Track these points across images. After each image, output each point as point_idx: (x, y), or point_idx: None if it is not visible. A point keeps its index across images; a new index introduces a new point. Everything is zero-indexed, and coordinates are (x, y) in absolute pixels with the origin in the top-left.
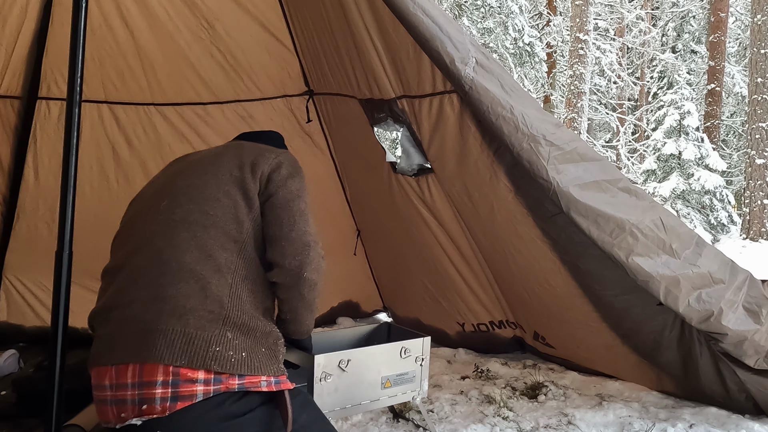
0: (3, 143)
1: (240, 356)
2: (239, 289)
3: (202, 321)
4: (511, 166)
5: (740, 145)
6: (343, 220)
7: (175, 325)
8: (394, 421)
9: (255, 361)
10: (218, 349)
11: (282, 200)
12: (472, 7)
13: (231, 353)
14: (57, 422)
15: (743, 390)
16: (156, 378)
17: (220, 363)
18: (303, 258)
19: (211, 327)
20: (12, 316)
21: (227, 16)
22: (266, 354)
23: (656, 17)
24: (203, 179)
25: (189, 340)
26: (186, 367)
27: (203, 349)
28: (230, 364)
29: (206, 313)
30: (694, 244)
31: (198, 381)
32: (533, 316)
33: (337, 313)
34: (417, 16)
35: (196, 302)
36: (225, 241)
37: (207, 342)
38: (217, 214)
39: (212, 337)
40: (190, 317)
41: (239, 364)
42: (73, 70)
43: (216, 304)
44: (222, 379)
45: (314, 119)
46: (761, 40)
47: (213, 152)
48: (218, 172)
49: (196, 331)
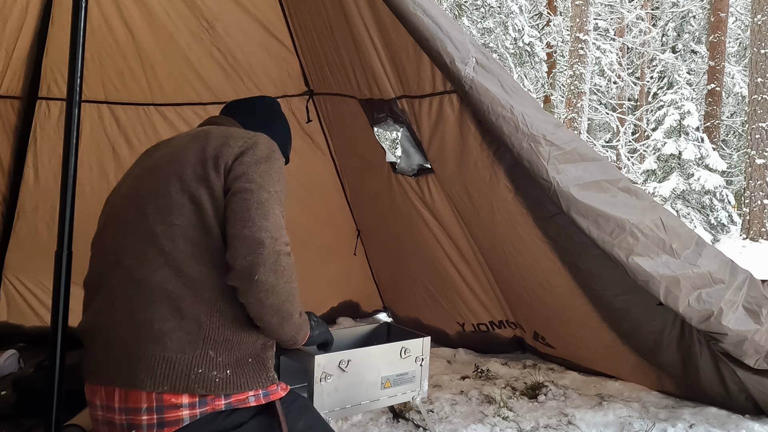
0: (3, 143)
1: (224, 375)
2: (218, 303)
3: (180, 343)
4: (511, 166)
5: (740, 145)
6: (343, 220)
7: (154, 350)
8: (394, 421)
9: (241, 377)
10: (201, 371)
11: (239, 192)
12: (472, 7)
13: (215, 373)
14: (57, 422)
15: (743, 390)
16: (141, 405)
17: (204, 385)
18: (254, 258)
19: (191, 348)
20: (12, 316)
21: (227, 16)
22: (253, 364)
23: (656, 17)
24: (167, 183)
25: (169, 365)
26: (169, 392)
27: (185, 373)
28: (214, 384)
29: (184, 335)
30: (694, 244)
31: (183, 405)
32: (533, 316)
33: (337, 313)
34: (417, 16)
35: (172, 324)
36: (195, 251)
37: (188, 365)
38: (184, 223)
39: (193, 360)
40: (168, 341)
41: (224, 383)
42: (72, 70)
43: (193, 324)
44: (207, 401)
45: (314, 119)
46: (761, 40)
47: (181, 144)
48: (183, 172)
49: (175, 354)
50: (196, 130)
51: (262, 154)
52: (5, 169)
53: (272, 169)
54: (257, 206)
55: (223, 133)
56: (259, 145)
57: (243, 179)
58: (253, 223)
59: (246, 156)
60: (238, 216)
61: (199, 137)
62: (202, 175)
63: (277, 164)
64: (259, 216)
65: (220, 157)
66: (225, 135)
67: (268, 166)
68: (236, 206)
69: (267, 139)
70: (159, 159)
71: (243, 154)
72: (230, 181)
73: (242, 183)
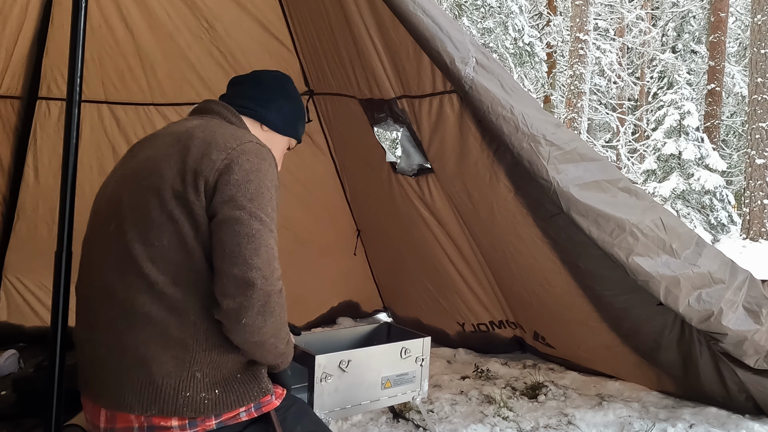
0: (3, 143)
1: (213, 395)
2: (204, 324)
3: (166, 367)
4: (511, 166)
5: (740, 145)
6: (343, 220)
7: (139, 374)
8: (394, 421)
9: (231, 394)
10: (188, 395)
11: (227, 221)
12: (472, 7)
13: (203, 395)
14: (57, 422)
15: (743, 390)
16: (132, 425)
17: (192, 408)
18: (243, 300)
19: (177, 372)
20: (12, 316)
21: (227, 16)
22: (243, 379)
23: (656, 17)
24: (146, 198)
25: (156, 390)
26: (158, 416)
27: (172, 397)
28: (203, 406)
29: (170, 359)
30: (694, 244)
31: (172, 428)
32: (533, 316)
33: (337, 313)
34: (417, 16)
35: (156, 349)
36: (177, 274)
37: (175, 389)
38: (163, 243)
39: (180, 383)
40: (153, 365)
41: (213, 404)
42: (72, 70)
43: (179, 348)
44: (197, 422)
45: (314, 119)
46: (761, 40)
47: (162, 148)
48: (161, 187)
49: (162, 378)
50: (180, 128)
51: (250, 167)
52: (5, 169)
53: (262, 185)
54: (248, 240)
55: (206, 138)
56: (245, 156)
57: (230, 205)
58: (244, 261)
59: (232, 173)
60: (227, 251)
61: (181, 141)
62: (181, 192)
63: (267, 176)
64: (250, 252)
65: (200, 173)
66: (207, 142)
67: (258, 184)
68: (225, 238)
69: (254, 146)
70: (141, 165)
71: (227, 171)
72: (216, 205)
73: (230, 210)
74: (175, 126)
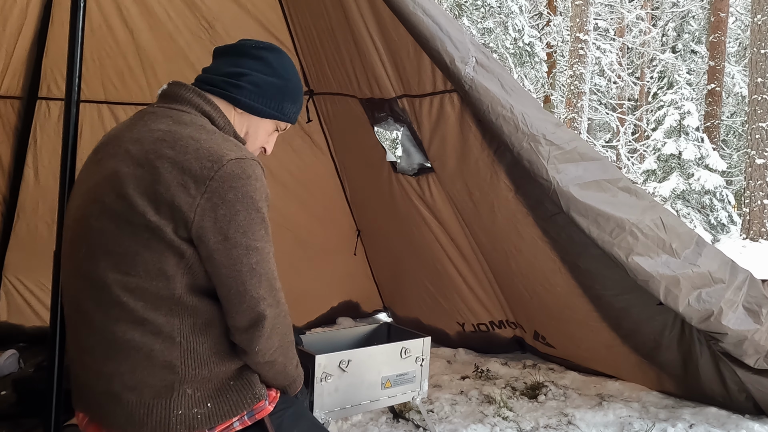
0: (3, 143)
1: (206, 409)
2: (192, 343)
3: (155, 389)
4: (512, 165)
5: (740, 145)
6: (343, 220)
7: (129, 397)
8: (394, 421)
9: (223, 405)
10: (181, 412)
11: (224, 264)
12: (472, 7)
13: (195, 410)
14: (57, 422)
15: (743, 390)
16: None
17: (186, 425)
18: (253, 332)
19: (167, 392)
20: (12, 316)
21: (227, 16)
22: (236, 386)
23: (656, 17)
24: (116, 224)
25: (148, 410)
26: None
27: (165, 416)
28: (197, 421)
29: (158, 381)
30: (694, 244)
31: None
32: (533, 316)
33: (337, 313)
34: (417, 16)
35: (143, 374)
36: (156, 300)
37: (167, 409)
38: (140, 272)
39: (171, 403)
40: (143, 388)
41: (206, 417)
42: (71, 69)
43: (166, 370)
44: None
45: (314, 119)
46: (761, 40)
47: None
48: (132, 216)
49: (152, 399)
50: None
51: (234, 197)
52: (5, 169)
53: (251, 208)
54: (250, 276)
55: (177, 159)
56: (227, 184)
57: (225, 245)
58: (251, 297)
59: (216, 210)
60: (232, 291)
61: (149, 160)
62: (157, 224)
63: (255, 197)
64: (254, 285)
65: (178, 209)
66: (180, 167)
67: (247, 212)
68: (227, 281)
69: (233, 166)
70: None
71: (212, 208)
72: (207, 245)
73: (226, 251)
74: (138, 128)
